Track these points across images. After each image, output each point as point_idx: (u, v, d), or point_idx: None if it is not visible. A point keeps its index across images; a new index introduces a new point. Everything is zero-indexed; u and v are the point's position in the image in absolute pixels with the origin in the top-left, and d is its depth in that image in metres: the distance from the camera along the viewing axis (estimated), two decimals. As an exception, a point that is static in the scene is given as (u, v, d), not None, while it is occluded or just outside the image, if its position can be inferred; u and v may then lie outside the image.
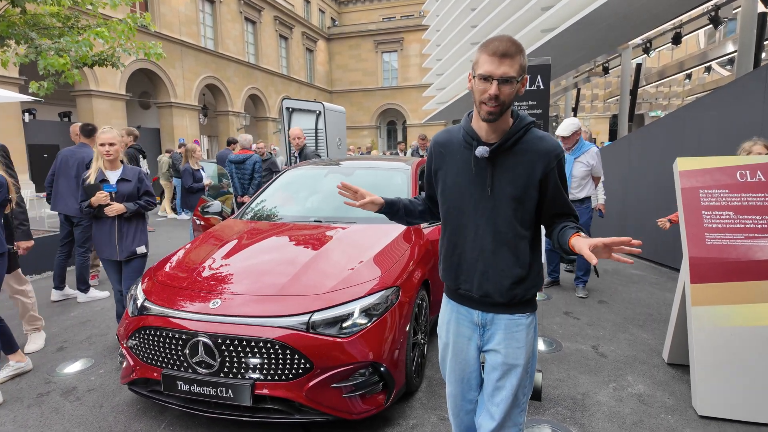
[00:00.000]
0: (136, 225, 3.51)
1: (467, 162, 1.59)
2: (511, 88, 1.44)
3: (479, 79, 1.44)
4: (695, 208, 2.92)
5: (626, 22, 8.31)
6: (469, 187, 1.59)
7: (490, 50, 1.42)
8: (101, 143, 3.35)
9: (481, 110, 1.48)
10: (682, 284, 3.03)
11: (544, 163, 1.52)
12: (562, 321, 4.16)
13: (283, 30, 29.03)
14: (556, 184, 1.56)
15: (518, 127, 1.54)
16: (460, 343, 1.74)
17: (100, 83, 16.60)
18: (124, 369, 2.63)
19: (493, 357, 1.67)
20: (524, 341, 1.64)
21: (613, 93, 19.76)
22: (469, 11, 13.52)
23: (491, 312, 1.65)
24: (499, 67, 1.40)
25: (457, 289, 1.70)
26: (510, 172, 1.54)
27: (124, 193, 3.42)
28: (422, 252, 3.17)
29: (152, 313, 2.51)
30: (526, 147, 1.54)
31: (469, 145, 1.59)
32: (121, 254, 3.45)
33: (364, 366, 2.38)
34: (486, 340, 1.69)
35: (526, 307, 1.65)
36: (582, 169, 4.63)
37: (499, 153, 1.54)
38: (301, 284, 2.54)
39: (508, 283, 1.59)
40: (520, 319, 1.64)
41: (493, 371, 1.66)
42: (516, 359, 1.63)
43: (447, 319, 1.79)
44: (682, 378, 3.10)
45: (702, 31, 13.11)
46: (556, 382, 3.07)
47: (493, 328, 1.67)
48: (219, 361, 2.31)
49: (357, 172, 4.15)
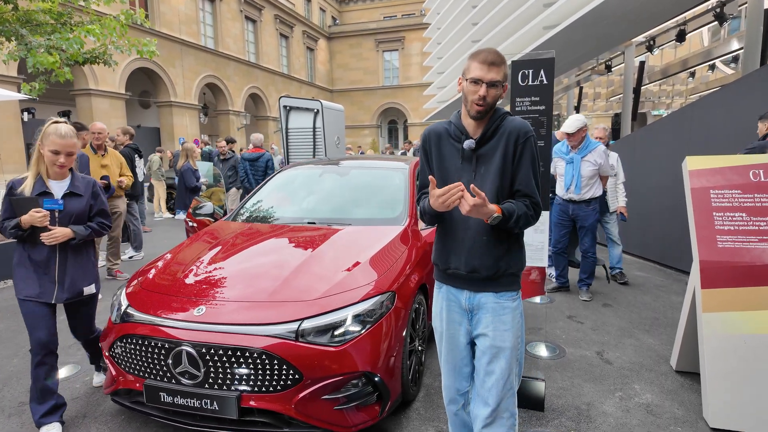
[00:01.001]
0: (85, 255, 2.62)
1: (456, 152, 1.81)
2: (497, 90, 1.70)
3: (470, 83, 1.70)
4: (706, 209, 2.78)
5: (630, 19, 8.16)
6: (458, 173, 1.80)
7: (480, 59, 1.68)
8: (53, 149, 2.40)
9: (471, 109, 1.72)
10: (692, 289, 2.90)
11: (514, 139, 1.73)
12: (565, 325, 4.03)
13: (283, 29, 28.91)
14: (522, 160, 1.74)
15: (495, 118, 1.77)
16: (452, 330, 1.88)
17: (100, 82, 16.52)
18: (107, 378, 2.51)
19: (482, 341, 1.81)
20: (510, 324, 1.78)
21: (615, 92, 19.59)
22: (470, 9, 13.37)
23: (479, 291, 1.80)
24: (488, 73, 1.66)
25: (446, 269, 1.85)
26: (490, 157, 1.76)
27: (73, 212, 2.50)
28: (420, 254, 3.04)
29: (135, 321, 2.39)
30: (502, 131, 1.76)
31: (458, 139, 1.81)
32: (61, 296, 2.51)
33: (356, 376, 2.25)
34: (474, 325, 1.83)
35: (510, 284, 1.80)
36: (590, 169, 4.47)
37: (482, 143, 1.77)
38: (290, 290, 2.42)
39: (493, 256, 1.75)
40: (506, 302, 1.79)
41: (482, 356, 1.80)
42: (503, 341, 1.77)
43: (439, 308, 1.92)
44: (692, 387, 2.96)
45: (706, 28, 12.95)
46: (559, 391, 2.94)
47: (480, 313, 1.81)
48: (203, 371, 2.18)
49: (353, 172, 4.02)
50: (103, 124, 5.19)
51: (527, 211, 1.72)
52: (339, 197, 3.72)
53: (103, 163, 5.18)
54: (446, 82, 16.26)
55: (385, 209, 3.48)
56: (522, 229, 1.76)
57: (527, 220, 1.73)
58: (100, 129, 5.15)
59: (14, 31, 5.79)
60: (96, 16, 6.51)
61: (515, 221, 1.68)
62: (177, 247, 3.17)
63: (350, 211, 3.52)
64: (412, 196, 3.51)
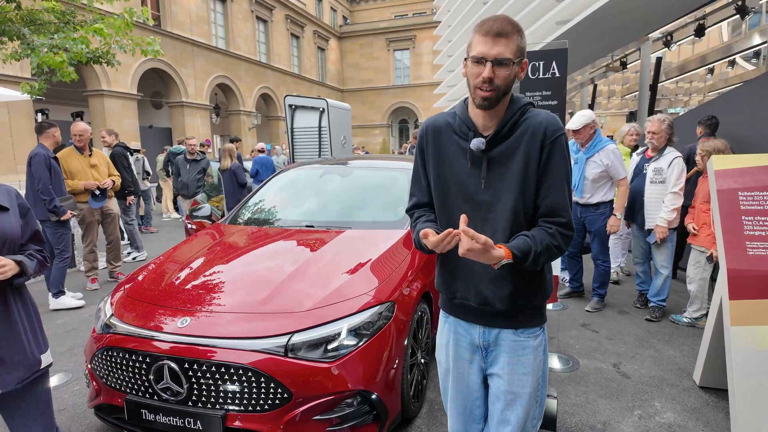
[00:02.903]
0: (32, 308, 1.76)
1: (462, 153, 1.42)
2: (507, 70, 1.29)
3: (472, 62, 1.31)
4: (734, 213, 2.56)
5: (647, 13, 7.86)
6: (464, 180, 1.41)
7: (483, 30, 1.29)
8: None
9: (475, 96, 1.34)
10: (718, 299, 2.68)
11: (540, 138, 1.34)
12: (579, 334, 3.81)
13: (294, 29, 28.86)
14: (550, 166, 1.34)
15: (513, 110, 1.37)
16: (461, 368, 1.55)
17: (112, 83, 16.58)
18: (90, 392, 2.38)
19: (496, 383, 1.50)
20: (531, 366, 1.46)
21: (631, 89, 19.11)
22: (480, 5, 13.12)
23: (493, 326, 1.47)
24: (493, 47, 1.27)
25: (452, 299, 1.52)
26: (507, 161, 1.37)
27: (6, 233, 1.64)
28: (423, 260, 2.87)
29: (117, 331, 2.25)
30: (523, 130, 1.36)
31: (464, 136, 1.42)
32: (11, 379, 1.63)
33: (351, 395, 2.08)
34: (489, 363, 1.51)
35: (532, 319, 1.46)
36: (595, 170, 4.06)
37: (495, 142, 1.37)
38: (281, 299, 2.25)
39: (509, 285, 1.39)
40: (527, 340, 1.46)
41: (496, 400, 1.50)
42: (522, 387, 1.46)
43: (445, 341, 1.59)
44: (717, 405, 2.74)
45: (725, 23, 12.51)
46: (573, 408, 2.73)
47: (497, 350, 1.49)
48: (186, 387, 2.04)
49: (356, 172, 3.85)
50: (86, 125, 5.01)
51: (551, 242, 1.32)
52: (339, 199, 3.55)
53: (92, 164, 5.05)
54: (456, 80, 16.01)
55: (387, 212, 3.31)
56: (543, 265, 1.38)
57: (550, 255, 1.33)
58: (81, 130, 4.93)
59: (17, 30, 5.74)
60: (99, 14, 6.43)
61: (533, 261, 1.30)
62: (168, 252, 3.04)
63: (351, 213, 3.35)
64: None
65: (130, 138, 16.20)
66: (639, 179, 4.17)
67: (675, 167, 3.83)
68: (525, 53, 1.34)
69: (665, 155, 3.95)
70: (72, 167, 4.93)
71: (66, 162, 4.88)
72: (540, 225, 1.37)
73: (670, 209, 3.84)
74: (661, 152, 3.98)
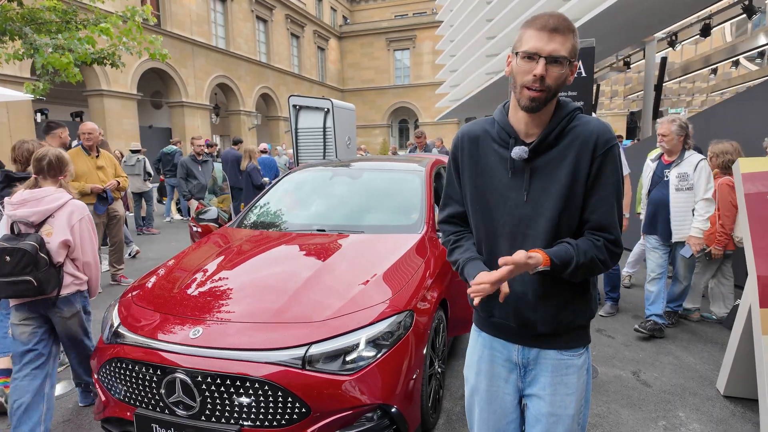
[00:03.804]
0: None
1: (502, 163, 1.31)
2: (561, 70, 1.19)
3: (523, 58, 1.20)
4: (763, 217, 2.48)
5: (655, 12, 7.78)
6: (504, 193, 1.31)
7: (538, 25, 1.19)
8: None
9: (521, 96, 1.22)
10: (746, 306, 2.59)
11: (592, 148, 1.24)
12: (595, 340, 3.73)
13: (294, 29, 28.76)
14: (601, 178, 1.24)
15: (561, 116, 1.27)
16: (495, 387, 1.44)
17: (112, 83, 16.47)
18: (97, 404, 2.29)
19: (536, 405, 1.38)
20: (575, 386, 1.36)
21: (633, 89, 19.05)
22: (484, 5, 13.03)
23: (534, 346, 1.37)
24: (549, 43, 1.17)
25: (489, 317, 1.40)
26: (552, 172, 1.26)
27: None
28: (438, 265, 2.78)
29: (126, 342, 2.15)
30: (571, 138, 1.26)
31: (504, 143, 1.31)
32: None
33: (371, 409, 1.99)
34: (528, 383, 1.40)
35: (577, 339, 1.37)
36: None
37: (540, 151, 1.27)
38: (298, 308, 2.16)
39: (552, 306, 1.30)
40: (571, 359, 1.35)
41: (536, 423, 1.38)
42: (565, 408, 1.35)
43: (477, 357, 1.47)
44: (744, 416, 2.65)
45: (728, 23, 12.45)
46: (595, 419, 2.65)
47: (537, 369, 1.38)
48: (200, 401, 1.94)
49: (365, 175, 3.76)
50: (94, 124, 4.91)
51: (596, 255, 1.23)
52: (350, 202, 3.46)
53: (99, 165, 4.95)
54: (459, 80, 15.91)
55: (400, 215, 3.22)
56: (585, 277, 1.29)
57: (593, 269, 1.24)
58: (90, 129, 4.83)
59: (18, 29, 5.64)
60: (101, 13, 6.34)
61: (573, 272, 1.21)
62: (177, 256, 2.94)
63: (363, 217, 3.26)
64: (430, 200, 3.24)
65: (130, 138, 16.10)
66: (660, 188, 3.71)
67: (702, 171, 3.45)
68: (578, 55, 1.24)
69: (687, 159, 3.56)
70: (79, 168, 4.83)
71: (73, 163, 4.77)
72: (586, 235, 1.28)
73: (705, 218, 3.44)
74: (682, 156, 3.60)
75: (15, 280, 2.21)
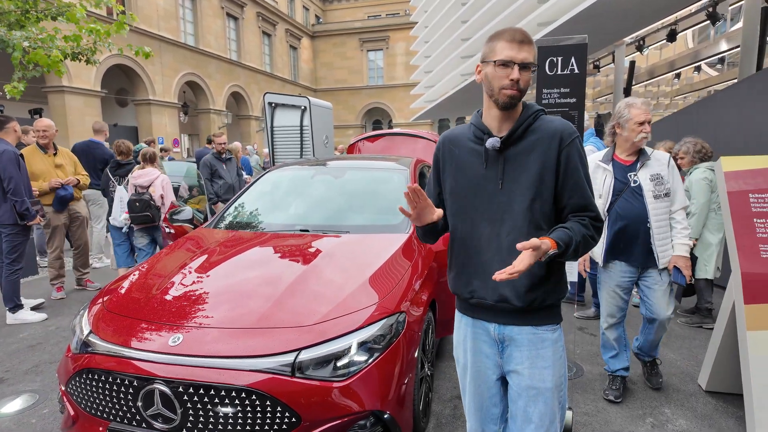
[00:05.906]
0: None
1: (478, 157, 1.51)
2: (528, 74, 1.42)
3: (498, 66, 1.41)
4: (745, 216, 2.52)
5: (626, 17, 7.97)
6: (480, 183, 1.50)
7: (507, 37, 1.41)
8: None
9: (500, 97, 1.43)
10: (729, 303, 2.63)
11: (558, 141, 1.44)
12: (577, 338, 3.75)
13: (266, 27, 28.31)
14: (570, 165, 1.44)
15: (527, 114, 1.48)
16: (478, 363, 1.58)
17: (74, 79, 15.77)
18: (65, 419, 2.12)
19: (516, 380, 1.51)
20: (551, 359, 1.49)
21: (602, 92, 19.55)
22: (459, 6, 13.11)
23: (510, 324, 1.50)
24: (520, 52, 1.39)
25: (469, 299, 1.56)
26: (522, 162, 1.46)
27: None
28: (427, 265, 2.72)
29: (97, 351, 2.00)
30: (538, 133, 1.46)
31: (479, 140, 1.52)
32: None
33: (364, 416, 1.91)
34: (506, 359, 1.53)
35: (551, 317, 1.51)
36: None
37: (510, 143, 1.47)
38: (285, 312, 2.06)
39: (526, 283, 1.44)
40: (545, 333, 1.49)
41: (518, 398, 1.50)
42: (543, 381, 1.47)
43: (462, 335, 1.63)
44: (727, 410, 2.69)
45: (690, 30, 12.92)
46: (584, 417, 2.64)
47: (513, 345, 1.51)
48: (181, 413, 1.82)
49: (348, 173, 3.67)
50: (50, 121, 4.65)
51: (586, 232, 1.42)
52: (334, 201, 3.36)
53: (57, 163, 4.67)
54: (434, 81, 15.97)
55: (386, 214, 3.14)
56: (581, 256, 1.48)
57: (586, 245, 1.42)
58: (45, 126, 4.57)
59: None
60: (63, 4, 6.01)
61: (574, 251, 1.38)
62: (151, 259, 2.78)
63: (347, 217, 3.17)
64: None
65: (94, 136, 15.45)
66: (628, 197, 2.62)
67: (675, 171, 2.62)
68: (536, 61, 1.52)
69: (653, 156, 2.63)
70: (35, 168, 4.54)
71: (29, 162, 4.45)
72: (573, 218, 1.45)
73: (689, 231, 2.64)
74: (644, 153, 2.64)
75: (141, 215, 4.33)
